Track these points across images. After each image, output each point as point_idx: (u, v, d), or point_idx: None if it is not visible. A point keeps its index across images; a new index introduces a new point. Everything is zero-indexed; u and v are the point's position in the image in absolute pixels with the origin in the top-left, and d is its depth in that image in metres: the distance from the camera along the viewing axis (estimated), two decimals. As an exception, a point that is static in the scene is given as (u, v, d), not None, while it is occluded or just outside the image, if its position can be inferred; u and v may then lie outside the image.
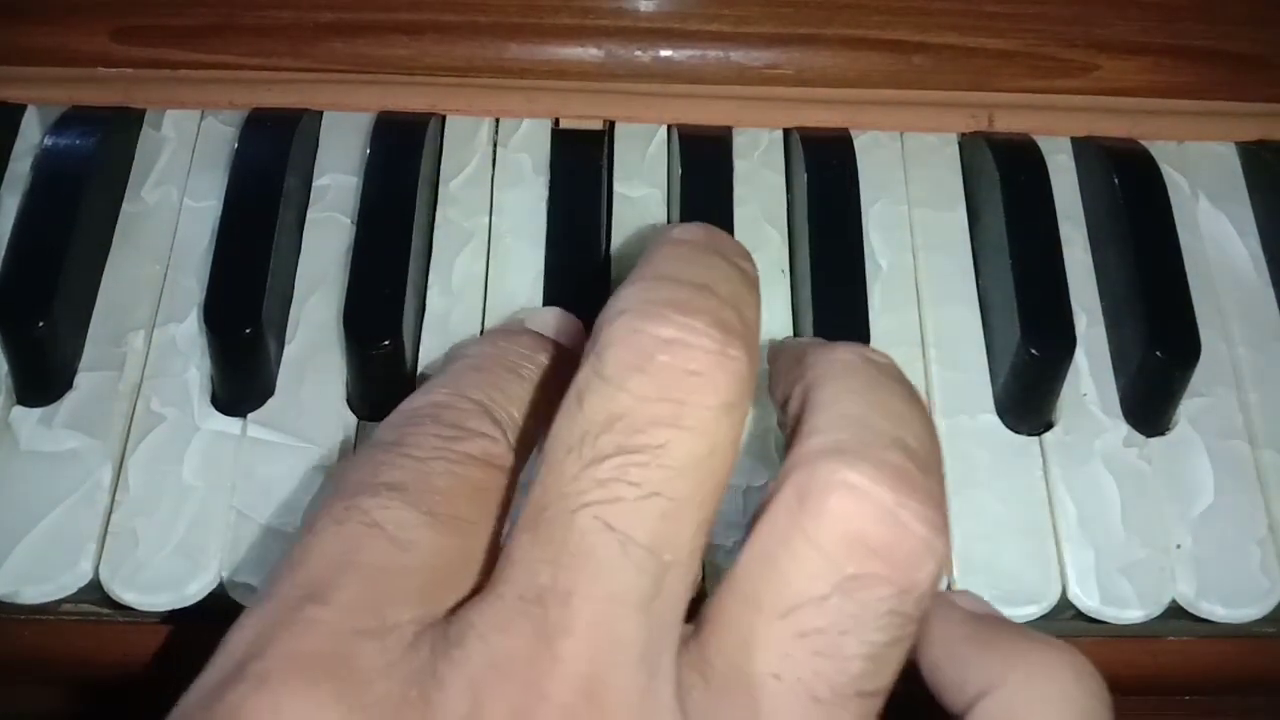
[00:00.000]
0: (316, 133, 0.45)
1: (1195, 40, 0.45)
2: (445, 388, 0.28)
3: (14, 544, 0.36)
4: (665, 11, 0.45)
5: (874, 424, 0.24)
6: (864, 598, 0.22)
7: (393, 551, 0.24)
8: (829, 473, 0.22)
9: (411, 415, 0.27)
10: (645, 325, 0.23)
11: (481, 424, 0.27)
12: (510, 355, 0.30)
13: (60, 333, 0.39)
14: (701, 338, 0.23)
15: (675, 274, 0.25)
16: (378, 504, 0.24)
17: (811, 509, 0.22)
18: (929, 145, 0.46)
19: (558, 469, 0.23)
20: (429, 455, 0.26)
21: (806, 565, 0.22)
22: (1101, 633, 0.38)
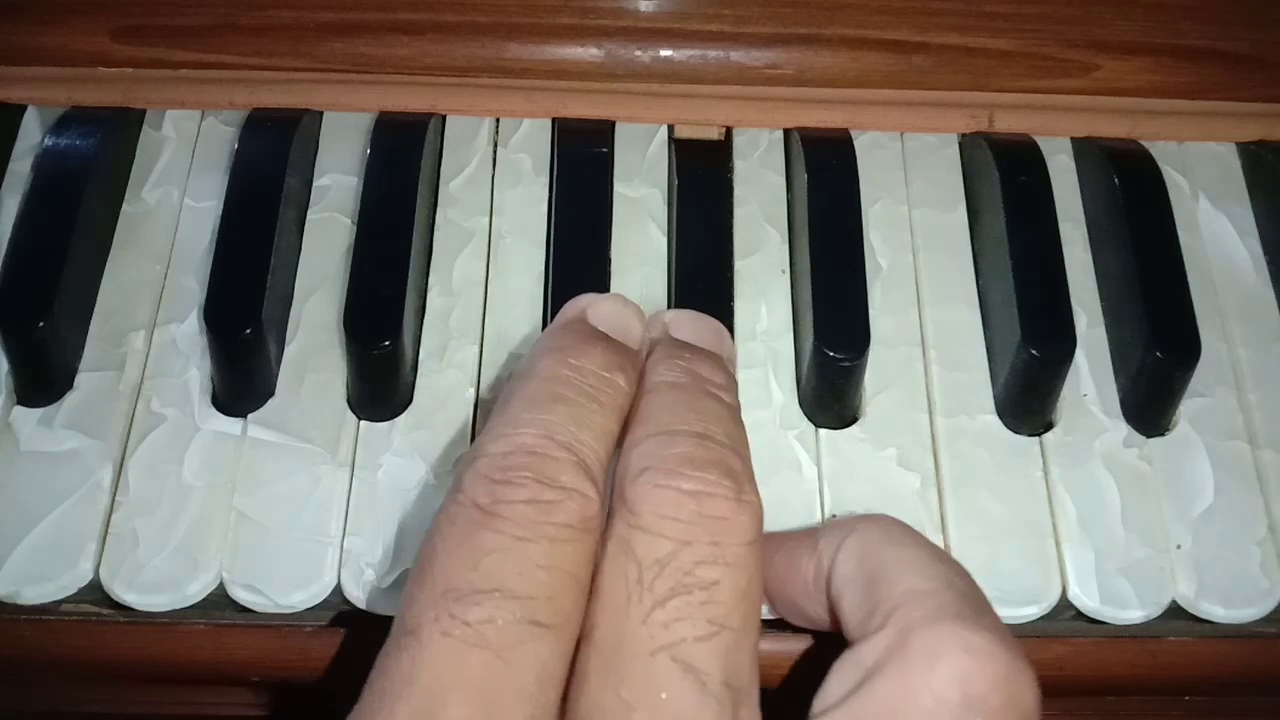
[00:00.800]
0: (317, 133, 0.45)
1: (1195, 40, 0.45)
2: (533, 427, 0.27)
3: (14, 544, 0.36)
4: (665, 11, 0.45)
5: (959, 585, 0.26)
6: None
7: (502, 670, 0.24)
8: (952, 636, 0.25)
9: (504, 467, 0.27)
10: (668, 481, 0.26)
11: (576, 479, 0.27)
12: (590, 379, 0.29)
13: (60, 333, 0.39)
14: (718, 487, 0.26)
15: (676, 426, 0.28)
16: (481, 616, 0.24)
17: (941, 670, 0.24)
18: (929, 145, 0.46)
19: (621, 614, 0.25)
20: (527, 534, 0.26)
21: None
22: (1101, 633, 0.38)
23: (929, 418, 0.40)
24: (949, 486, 0.39)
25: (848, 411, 0.40)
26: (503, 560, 0.25)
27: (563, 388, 0.29)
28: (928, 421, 0.40)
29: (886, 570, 0.27)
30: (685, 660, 0.24)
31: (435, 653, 0.24)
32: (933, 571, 0.26)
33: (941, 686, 0.24)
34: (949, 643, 0.24)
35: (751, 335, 0.41)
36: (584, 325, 0.31)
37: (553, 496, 0.26)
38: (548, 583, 0.25)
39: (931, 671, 0.24)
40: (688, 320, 0.32)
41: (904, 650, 0.24)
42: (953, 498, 0.38)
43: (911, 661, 0.24)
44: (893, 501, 0.38)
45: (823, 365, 0.39)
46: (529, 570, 0.25)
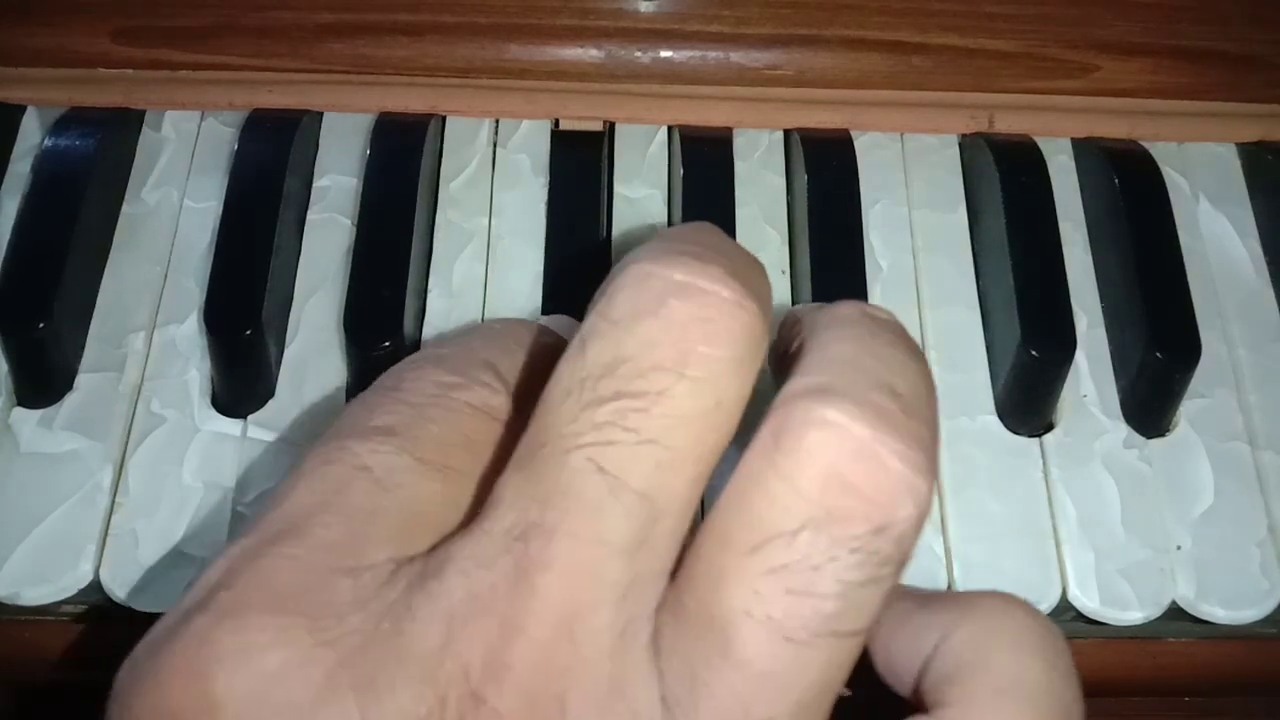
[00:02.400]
0: (316, 134, 0.45)
1: (1195, 41, 0.45)
2: (451, 344, 0.28)
3: (14, 545, 0.36)
4: (665, 12, 0.45)
5: (862, 366, 0.23)
6: (836, 534, 0.21)
7: (376, 493, 0.24)
8: (806, 410, 0.22)
9: (414, 362, 0.27)
10: (659, 269, 0.23)
11: (483, 374, 0.27)
12: (519, 332, 0.29)
13: (60, 334, 0.39)
14: (717, 284, 0.22)
15: (691, 237, 0.24)
16: (367, 448, 0.24)
17: (786, 445, 0.22)
18: (929, 146, 0.46)
19: (554, 410, 0.23)
20: (426, 401, 0.26)
21: (778, 500, 0.21)
22: (1101, 634, 0.38)
23: (929, 418, 0.40)
24: (949, 487, 0.39)
25: (848, 412, 0.40)
26: (395, 413, 0.25)
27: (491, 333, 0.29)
28: (928, 422, 0.40)
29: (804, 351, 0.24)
30: (599, 462, 0.22)
31: (314, 476, 0.24)
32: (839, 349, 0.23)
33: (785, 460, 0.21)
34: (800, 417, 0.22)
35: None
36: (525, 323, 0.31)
37: (456, 379, 0.26)
38: (439, 434, 0.25)
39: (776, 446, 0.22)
40: None
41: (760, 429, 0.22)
42: (953, 498, 0.38)
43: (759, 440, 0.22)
44: (893, 502, 0.38)
45: (823, 366, 0.39)
46: (422, 422, 0.25)
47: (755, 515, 0.22)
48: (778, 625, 0.21)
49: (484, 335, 0.29)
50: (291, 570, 0.22)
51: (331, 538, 0.23)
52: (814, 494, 0.21)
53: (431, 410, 0.26)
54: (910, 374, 0.24)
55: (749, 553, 0.21)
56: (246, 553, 0.23)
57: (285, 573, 0.22)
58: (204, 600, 0.22)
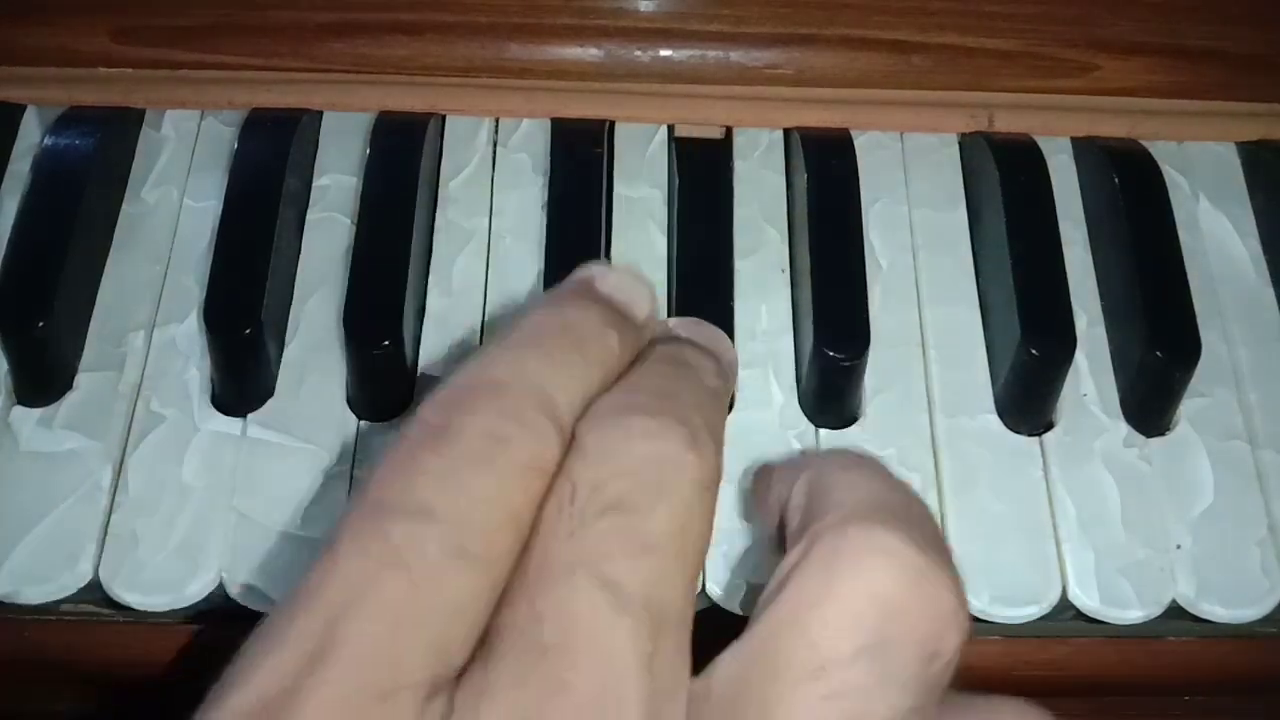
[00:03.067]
0: (316, 133, 0.45)
1: (1195, 40, 0.45)
2: (505, 363, 0.26)
3: (14, 544, 0.36)
4: (665, 12, 0.45)
5: (891, 500, 0.24)
6: (892, 660, 0.22)
7: (414, 596, 0.22)
8: (862, 536, 0.23)
9: (466, 393, 0.25)
10: (617, 420, 0.25)
11: (539, 419, 0.25)
12: (580, 334, 0.27)
13: (60, 333, 0.39)
14: (669, 432, 0.24)
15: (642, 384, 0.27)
16: (406, 535, 0.23)
17: (844, 571, 0.22)
18: (929, 145, 0.46)
19: (549, 534, 0.23)
20: (475, 462, 0.24)
21: (837, 626, 0.22)
22: (1102, 633, 0.38)
23: (929, 418, 0.40)
24: (949, 486, 0.39)
25: (848, 411, 0.40)
26: (441, 484, 0.23)
27: (548, 337, 0.27)
28: (928, 421, 0.40)
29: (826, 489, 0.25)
30: (603, 575, 0.22)
31: (348, 569, 0.23)
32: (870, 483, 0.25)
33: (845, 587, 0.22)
34: (856, 543, 0.23)
35: (751, 335, 0.41)
36: (587, 287, 0.29)
37: (511, 431, 0.24)
38: (486, 516, 0.23)
39: (835, 574, 0.22)
40: (690, 324, 0.31)
41: (810, 557, 0.23)
42: (953, 498, 0.38)
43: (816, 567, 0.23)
44: (893, 501, 0.38)
45: (823, 365, 0.39)
46: (468, 499, 0.23)
47: (812, 641, 0.22)
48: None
49: (541, 341, 0.27)
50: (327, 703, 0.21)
51: (366, 653, 0.22)
52: (871, 620, 0.22)
53: (479, 483, 0.24)
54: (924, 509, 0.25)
55: (807, 679, 0.22)
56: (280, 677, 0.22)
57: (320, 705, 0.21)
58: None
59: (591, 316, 0.28)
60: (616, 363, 0.28)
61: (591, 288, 0.29)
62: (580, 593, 0.22)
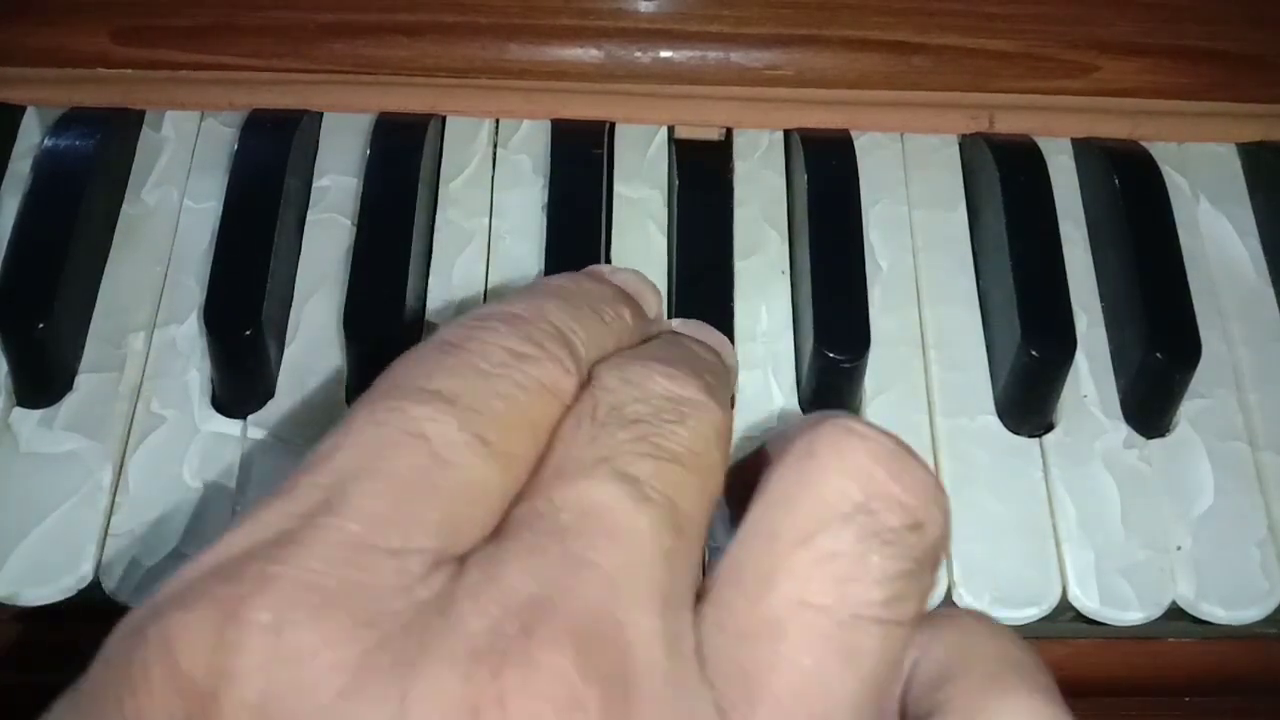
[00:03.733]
0: (316, 134, 0.45)
1: (1195, 41, 0.45)
2: (525, 303, 0.26)
3: (14, 545, 0.36)
4: (665, 12, 0.45)
5: None
6: (878, 525, 0.23)
7: (430, 469, 0.22)
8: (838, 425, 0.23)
9: (482, 317, 0.25)
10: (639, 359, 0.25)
11: (557, 349, 0.25)
12: (596, 297, 0.28)
13: (60, 334, 0.39)
14: (688, 379, 0.25)
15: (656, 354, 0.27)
16: (425, 413, 0.22)
17: (824, 451, 0.23)
18: (929, 146, 0.46)
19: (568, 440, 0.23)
20: (494, 370, 0.24)
21: (825, 495, 0.23)
22: (1101, 634, 0.38)
23: (929, 418, 0.40)
24: (949, 487, 0.38)
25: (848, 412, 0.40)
26: (461, 379, 0.23)
27: (569, 294, 0.27)
28: (928, 422, 0.40)
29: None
30: (627, 471, 0.22)
31: (363, 437, 0.22)
32: None
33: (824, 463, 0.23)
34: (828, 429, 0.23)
35: (751, 336, 0.41)
36: (600, 272, 0.30)
37: (530, 351, 0.24)
38: (502, 411, 0.23)
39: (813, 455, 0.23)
40: (693, 325, 0.32)
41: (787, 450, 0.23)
42: (953, 498, 0.38)
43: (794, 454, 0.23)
44: (893, 502, 0.38)
45: (823, 366, 0.39)
46: (486, 394, 0.23)
47: (802, 511, 0.23)
48: (831, 613, 0.22)
49: (561, 295, 0.27)
50: (332, 545, 0.21)
51: (377, 510, 0.21)
52: (856, 490, 0.23)
53: (500, 384, 0.23)
54: None
55: (798, 545, 0.22)
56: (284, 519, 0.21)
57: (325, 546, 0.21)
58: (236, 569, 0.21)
59: (607, 291, 0.28)
60: (628, 337, 0.28)
61: (602, 273, 0.30)
62: (601, 484, 0.22)
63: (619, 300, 0.28)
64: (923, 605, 0.23)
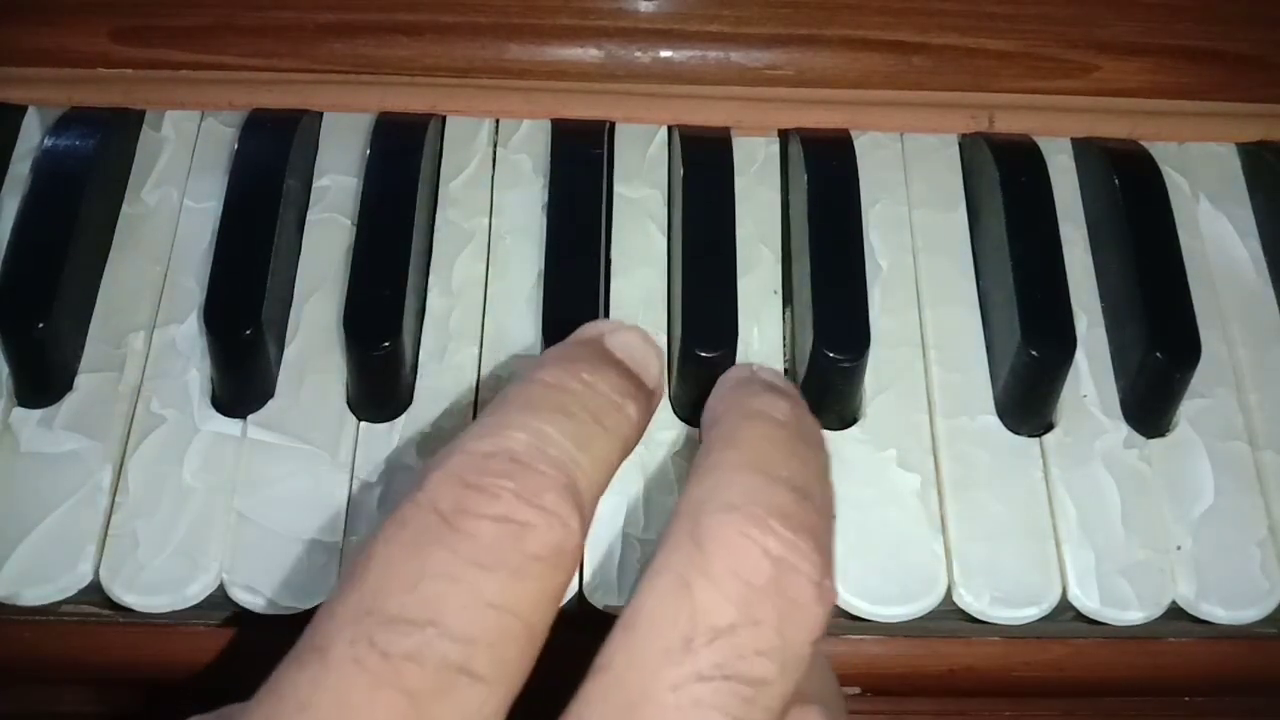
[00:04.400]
0: (316, 133, 0.45)
1: (1195, 41, 0.45)
2: (524, 433, 0.24)
3: (14, 545, 0.36)
4: (665, 12, 0.45)
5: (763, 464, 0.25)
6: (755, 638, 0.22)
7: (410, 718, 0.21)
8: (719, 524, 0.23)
9: (480, 471, 0.23)
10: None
11: (560, 503, 0.23)
12: (598, 399, 0.26)
13: (60, 334, 0.39)
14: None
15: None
16: (406, 650, 0.21)
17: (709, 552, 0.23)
18: (929, 146, 0.46)
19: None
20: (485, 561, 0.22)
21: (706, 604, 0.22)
22: (1102, 634, 0.38)
23: (929, 419, 0.40)
24: (949, 487, 0.39)
25: (848, 413, 0.40)
26: (448, 589, 0.21)
27: (567, 400, 0.25)
28: (928, 422, 0.40)
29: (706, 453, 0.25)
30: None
31: (340, 682, 0.20)
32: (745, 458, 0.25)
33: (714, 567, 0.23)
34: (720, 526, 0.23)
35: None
36: (600, 347, 0.27)
37: (529, 517, 0.22)
38: (494, 626, 0.21)
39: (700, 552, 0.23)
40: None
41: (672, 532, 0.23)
42: (953, 499, 0.38)
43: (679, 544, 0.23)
44: (893, 502, 0.38)
45: (823, 366, 0.39)
46: (476, 607, 0.21)
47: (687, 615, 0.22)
48: None
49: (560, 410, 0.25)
50: None
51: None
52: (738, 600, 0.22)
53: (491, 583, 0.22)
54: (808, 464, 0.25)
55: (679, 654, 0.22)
56: None
57: None
58: None
59: (611, 379, 0.26)
60: (633, 434, 0.26)
61: (602, 347, 0.27)
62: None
63: (622, 394, 0.26)
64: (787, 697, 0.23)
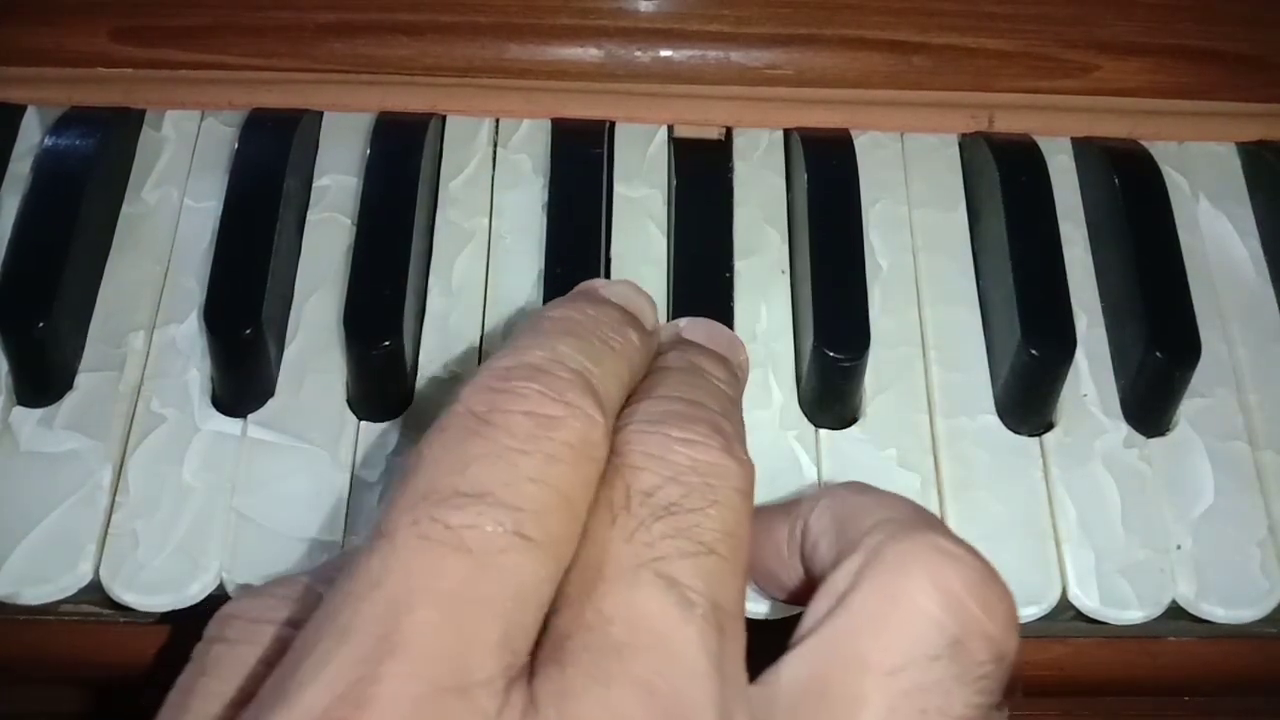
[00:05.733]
0: (316, 133, 0.45)
1: (1195, 41, 0.45)
2: (540, 349, 0.26)
3: (14, 545, 0.36)
4: (665, 12, 0.45)
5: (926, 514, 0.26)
6: (970, 658, 0.23)
7: (479, 581, 0.22)
8: (927, 542, 0.24)
9: (505, 377, 0.25)
10: (654, 428, 0.26)
11: (582, 399, 0.25)
12: (603, 325, 0.28)
13: (60, 333, 0.39)
14: (708, 439, 0.26)
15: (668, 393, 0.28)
16: (466, 520, 0.23)
17: (914, 573, 0.24)
18: (929, 146, 0.46)
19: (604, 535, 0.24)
20: (523, 445, 0.24)
21: (918, 626, 0.23)
22: (1101, 633, 0.38)
23: (929, 418, 0.40)
24: (949, 487, 0.39)
25: (848, 412, 0.40)
26: (492, 467, 0.23)
27: (574, 326, 0.27)
28: (928, 422, 0.40)
29: (855, 512, 0.26)
30: (669, 575, 0.23)
31: (408, 555, 0.22)
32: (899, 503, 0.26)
33: (918, 588, 0.23)
34: (921, 548, 0.24)
35: (752, 336, 0.41)
36: (597, 293, 0.30)
37: (555, 411, 0.24)
38: (537, 496, 0.23)
39: (907, 576, 0.24)
40: (701, 326, 0.32)
41: (877, 563, 0.24)
42: (953, 498, 0.38)
43: (886, 571, 0.24)
44: (893, 502, 0.38)
45: (823, 366, 0.39)
46: (519, 481, 0.23)
47: (894, 640, 0.23)
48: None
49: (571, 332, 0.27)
50: (403, 700, 0.21)
51: (437, 648, 0.21)
52: (951, 624, 0.23)
53: (530, 462, 0.24)
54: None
55: (887, 674, 0.23)
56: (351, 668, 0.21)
57: (397, 702, 0.21)
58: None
59: (612, 312, 0.29)
60: (639, 359, 0.29)
61: (598, 293, 0.30)
62: (647, 593, 0.23)
63: (624, 323, 0.29)
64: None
